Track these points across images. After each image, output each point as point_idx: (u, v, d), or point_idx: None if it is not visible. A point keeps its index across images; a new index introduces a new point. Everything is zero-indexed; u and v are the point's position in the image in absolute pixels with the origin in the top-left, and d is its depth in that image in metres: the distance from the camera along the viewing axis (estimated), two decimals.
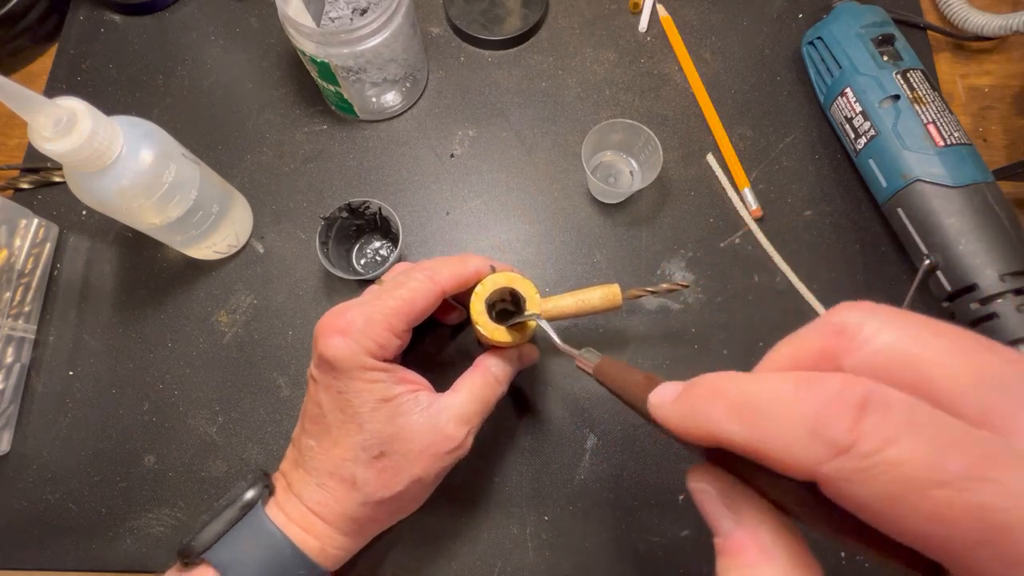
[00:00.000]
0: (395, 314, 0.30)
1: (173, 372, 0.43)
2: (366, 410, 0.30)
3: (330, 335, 0.30)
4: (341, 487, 0.30)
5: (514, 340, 0.33)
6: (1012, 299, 0.36)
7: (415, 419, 0.30)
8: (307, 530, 0.31)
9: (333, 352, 0.29)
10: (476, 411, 0.32)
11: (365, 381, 0.30)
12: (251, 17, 0.52)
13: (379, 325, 0.30)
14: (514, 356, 0.35)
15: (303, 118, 0.49)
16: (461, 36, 0.51)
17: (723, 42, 0.50)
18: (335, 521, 0.31)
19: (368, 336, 0.30)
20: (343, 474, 0.30)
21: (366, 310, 0.30)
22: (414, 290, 0.31)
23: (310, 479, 0.31)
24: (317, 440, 0.31)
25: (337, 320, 0.30)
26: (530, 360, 0.37)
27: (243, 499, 0.31)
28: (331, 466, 0.31)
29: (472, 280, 0.33)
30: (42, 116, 0.29)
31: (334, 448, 0.30)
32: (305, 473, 0.31)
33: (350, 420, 0.30)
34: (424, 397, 0.31)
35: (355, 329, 0.30)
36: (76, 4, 0.53)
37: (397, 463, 0.30)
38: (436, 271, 0.32)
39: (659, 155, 0.41)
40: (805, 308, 0.43)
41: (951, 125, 0.40)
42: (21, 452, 0.41)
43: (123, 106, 0.49)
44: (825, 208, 0.45)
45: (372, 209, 0.42)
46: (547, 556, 0.38)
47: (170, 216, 0.37)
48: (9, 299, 0.41)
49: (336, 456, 0.30)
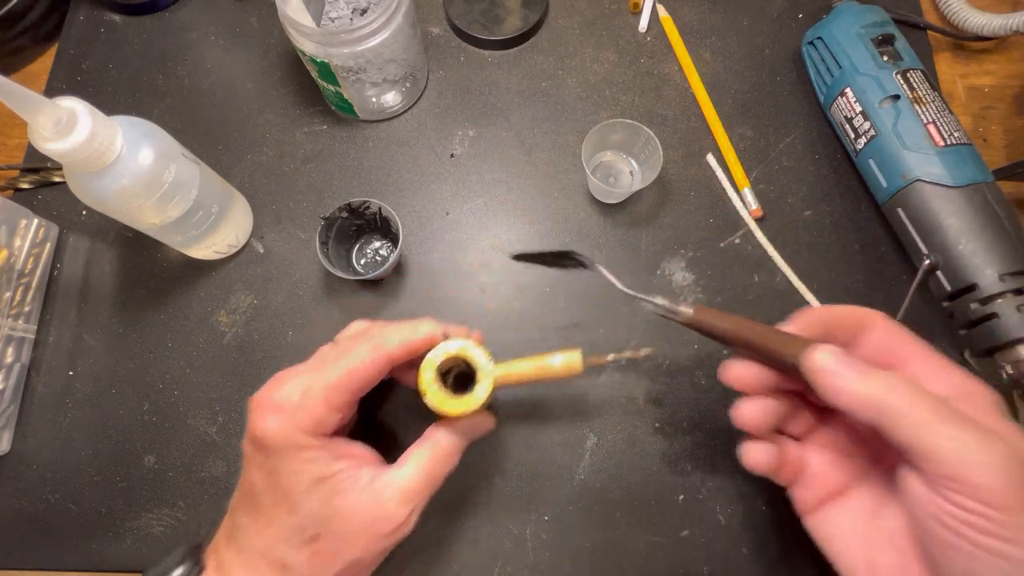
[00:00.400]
0: (335, 388, 0.29)
1: (173, 372, 0.43)
2: (300, 490, 0.28)
3: (263, 413, 0.28)
4: (270, 570, 0.29)
5: (464, 411, 0.31)
6: (1012, 299, 0.36)
7: (354, 498, 0.29)
8: None
9: (264, 431, 0.28)
10: (422, 488, 0.31)
11: (300, 461, 0.28)
12: (251, 17, 0.52)
13: (316, 400, 0.28)
14: (467, 426, 0.33)
15: (303, 118, 0.49)
16: (461, 36, 0.51)
17: (723, 42, 0.50)
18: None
19: (304, 412, 0.28)
20: (273, 557, 0.28)
21: (303, 383, 0.29)
22: (358, 361, 0.29)
23: (240, 560, 0.29)
24: (251, 518, 0.29)
25: (273, 395, 0.29)
26: (483, 431, 0.35)
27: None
28: (262, 547, 0.29)
29: (423, 348, 0.31)
30: (42, 116, 0.29)
31: (267, 528, 0.29)
32: (235, 553, 0.30)
33: (283, 501, 0.28)
34: (366, 473, 0.30)
35: (290, 405, 0.28)
36: (76, 4, 0.53)
37: (333, 546, 0.28)
38: (383, 340, 0.30)
39: (659, 155, 0.41)
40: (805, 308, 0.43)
41: (951, 125, 0.40)
42: (21, 452, 0.41)
43: (123, 106, 0.49)
44: (825, 208, 0.45)
45: (372, 209, 0.42)
46: (547, 556, 0.38)
47: (170, 216, 0.37)
48: (9, 299, 0.41)
49: (267, 537, 0.29)
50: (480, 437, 0.35)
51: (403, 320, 0.32)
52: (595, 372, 0.42)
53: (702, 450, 0.40)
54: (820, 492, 0.31)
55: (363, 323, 0.34)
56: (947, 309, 0.39)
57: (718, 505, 0.39)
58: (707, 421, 0.41)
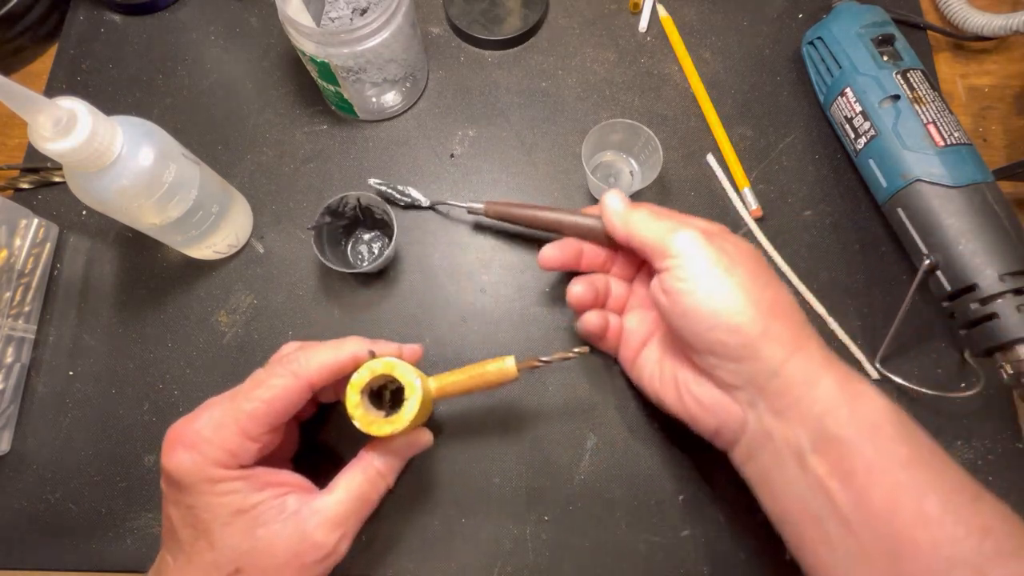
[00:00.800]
0: (250, 418, 0.28)
1: (173, 372, 0.43)
2: (217, 525, 0.27)
3: (173, 448, 0.28)
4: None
5: (393, 431, 0.30)
6: (1012, 299, 0.36)
7: (277, 528, 0.28)
8: None
9: (175, 467, 0.28)
10: (352, 512, 0.30)
11: (215, 495, 0.28)
12: (251, 17, 0.52)
13: (229, 431, 0.28)
14: (401, 444, 0.33)
15: (303, 118, 0.49)
16: (461, 36, 0.51)
17: (723, 42, 0.50)
18: None
19: (216, 446, 0.28)
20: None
21: (216, 415, 0.28)
22: (274, 388, 0.29)
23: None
24: (172, 555, 0.29)
25: (183, 430, 0.28)
26: (420, 447, 0.34)
27: None
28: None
29: (348, 368, 0.31)
30: (42, 116, 0.29)
31: (187, 566, 0.28)
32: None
33: (201, 537, 0.28)
34: (292, 501, 0.29)
35: (201, 440, 0.28)
36: (76, 4, 0.53)
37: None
38: (301, 366, 0.30)
39: (659, 155, 0.41)
40: (805, 308, 0.43)
41: (951, 125, 0.40)
42: (21, 452, 0.41)
43: (123, 106, 0.49)
44: (825, 208, 0.45)
45: (351, 204, 0.42)
46: (547, 556, 0.38)
47: (170, 216, 0.37)
48: (9, 299, 0.41)
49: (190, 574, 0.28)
50: (416, 454, 0.35)
51: (328, 341, 0.32)
52: (595, 371, 0.42)
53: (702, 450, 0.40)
54: (634, 345, 0.38)
55: (293, 344, 0.34)
56: (947, 309, 0.39)
57: (718, 505, 0.39)
58: None
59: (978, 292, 0.37)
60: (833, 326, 0.42)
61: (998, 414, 0.40)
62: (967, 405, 0.40)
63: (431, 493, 0.39)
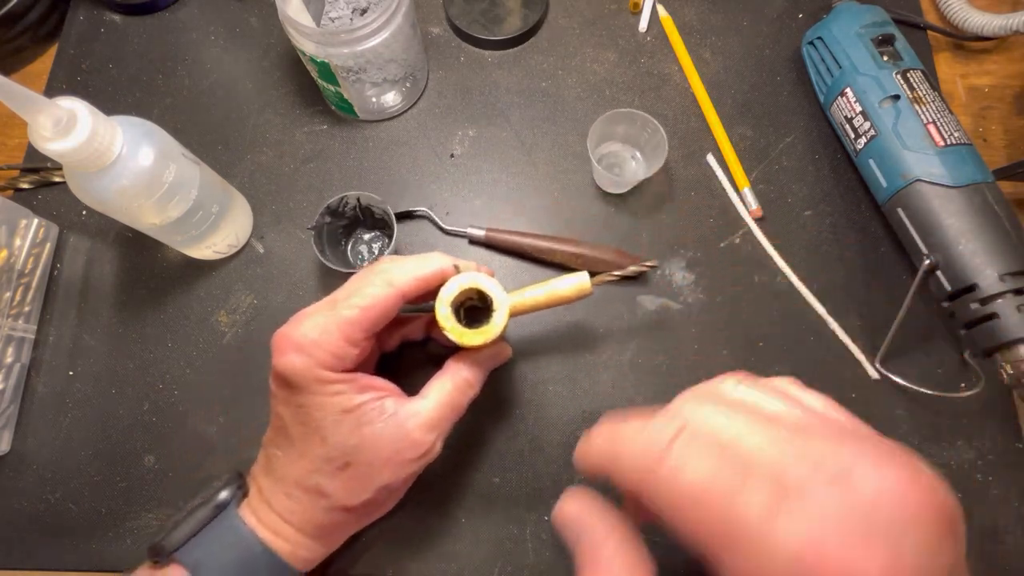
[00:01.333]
0: (350, 324, 0.29)
1: (173, 372, 0.43)
2: (328, 423, 0.29)
3: (284, 351, 0.29)
4: (307, 497, 0.30)
5: (484, 341, 0.32)
6: (1012, 299, 0.36)
7: (380, 427, 0.30)
8: (278, 534, 0.31)
9: (288, 368, 0.29)
10: (445, 416, 0.32)
11: (325, 395, 0.29)
12: (251, 17, 0.52)
13: (334, 336, 0.29)
14: (485, 356, 0.35)
15: (303, 118, 0.49)
16: (461, 36, 0.51)
17: (723, 42, 0.50)
18: (305, 528, 0.31)
19: (323, 349, 0.29)
20: (309, 484, 0.30)
21: (320, 321, 0.29)
22: (371, 296, 0.30)
23: (278, 488, 0.31)
24: (283, 451, 0.31)
25: (291, 333, 0.30)
26: (503, 359, 0.37)
27: (216, 499, 0.31)
28: (296, 477, 0.30)
29: (435, 282, 0.32)
30: (42, 116, 0.29)
31: (299, 460, 0.30)
32: (273, 482, 0.31)
33: (313, 433, 0.30)
34: (390, 404, 0.31)
35: (309, 342, 0.29)
36: (76, 4, 0.53)
37: (363, 472, 0.30)
38: (395, 274, 0.31)
39: (664, 146, 0.42)
40: (805, 308, 0.43)
41: (951, 125, 0.40)
42: (21, 452, 0.41)
43: (123, 106, 0.49)
44: (825, 208, 0.45)
45: (351, 204, 0.42)
46: (547, 556, 0.38)
47: (170, 216, 0.37)
48: (9, 299, 0.41)
49: (301, 467, 0.30)
50: (498, 366, 0.36)
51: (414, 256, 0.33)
52: (596, 372, 0.42)
53: None
54: None
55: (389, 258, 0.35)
56: (947, 309, 0.39)
57: None
58: None
59: (978, 292, 0.37)
60: (833, 326, 0.42)
61: (998, 414, 0.40)
62: (967, 405, 0.40)
63: (431, 493, 0.39)
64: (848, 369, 0.42)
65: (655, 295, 0.43)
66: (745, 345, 0.42)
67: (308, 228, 0.41)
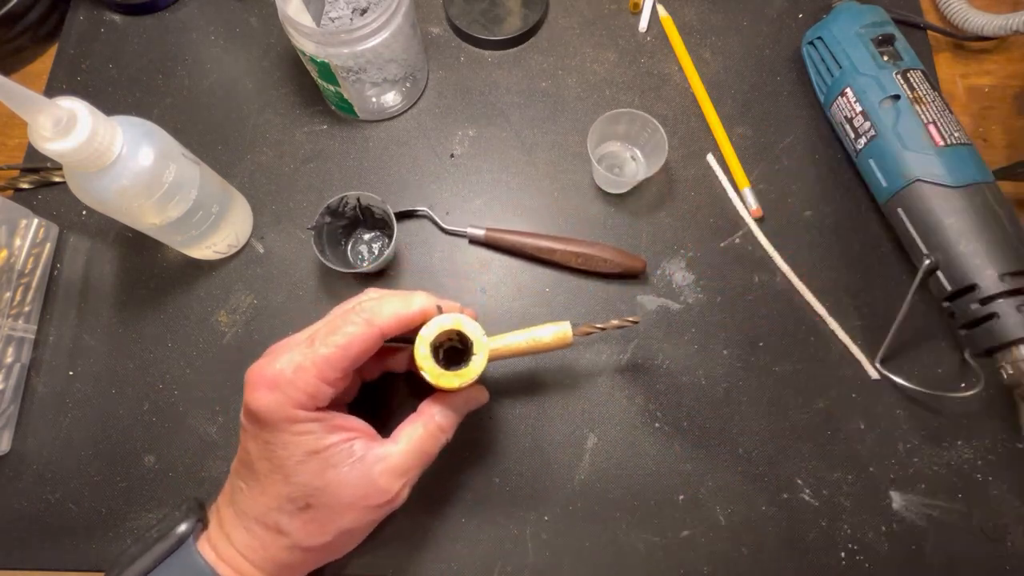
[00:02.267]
0: (327, 362, 0.29)
1: (173, 372, 0.43)
2: (292, 463, 0.29)
3: (257, 387, 0.29)
4: (267, 534, 0.30)
5: (461, 384, 0.31)
6: (1012, 299, 0.36)
7: (345, 471, 0.30)
8: (237, 570, 0.30)
9: (258, 405, 0.29)
10: (414, 463, 0.31)
11: (292, 434, 0.29)
12: (251, 17, 0.52)
13: (309, 374, 0.29)
14: (460, 400, 0.34)
15: (303, 118, 0.49)
16: (461, 36, 0.51)
17: (723, 42, 0.50)
18: (264, 565, 0.31)
19: (297, 387, 0.29)
20: (268, 522, 0.30)
21: (296, 358, 0.29)
22: (349, 335, 0.29)
23: (239, 522, 0.31)
24: (247, 484, 0.31)
25: (266, 369, 0.29)
26: (477, 403, 0.36)
27: (175, 533, 0.31)
28: (258, 512, 0.30)
29: (417, 321, 0.31)
30: (42, 116, 0.29)
31: (261, 496, 0.30)
32: (235, 514, 0.31)
33: (276, 471, 0.29)
34: (359, 446, 0.30)
35: (283, 380, 0.29)
36: (76, 4, 0.53)
37: (324, 515, 0.30)
38: (376, 313, 0.30)
39: (664, 146, 0.42)
40: (805, 308, 0.43)
41: (951, 125, 0.40)
42: (21, 452, 0.41)
43: (123, 106, 0.49)
44: (825, 208, 0.45)
45: (351, 204, 0.42)
46: (547, 556, 0.38)
47: (170, 216, 0.37)
48: (9, 299, 0.41)
49: (263, 504, 0.30)
50: (474, 410, 0.36)
51: (397, 292, 0.33)
52: (595, 372, 0.42)
53: (702, 450, 0.40)
54: None
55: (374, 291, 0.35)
56: (947, 309, 0.39)
57: (718, 505, 0.39)
58: (707, 421, 0.41)
59: (978, 292, 0.37)
60: (833, 326, 0.42)
61: (998, 414, 0.40)
62: (967, 405, 0.40)
63: (431, 493, 0.39)
64: (848, 369, 0.42)
65: (655, 295, 0.43)
66: (745, 345, 0.42)
67: (308, 228, 0.41)
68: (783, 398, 0.41)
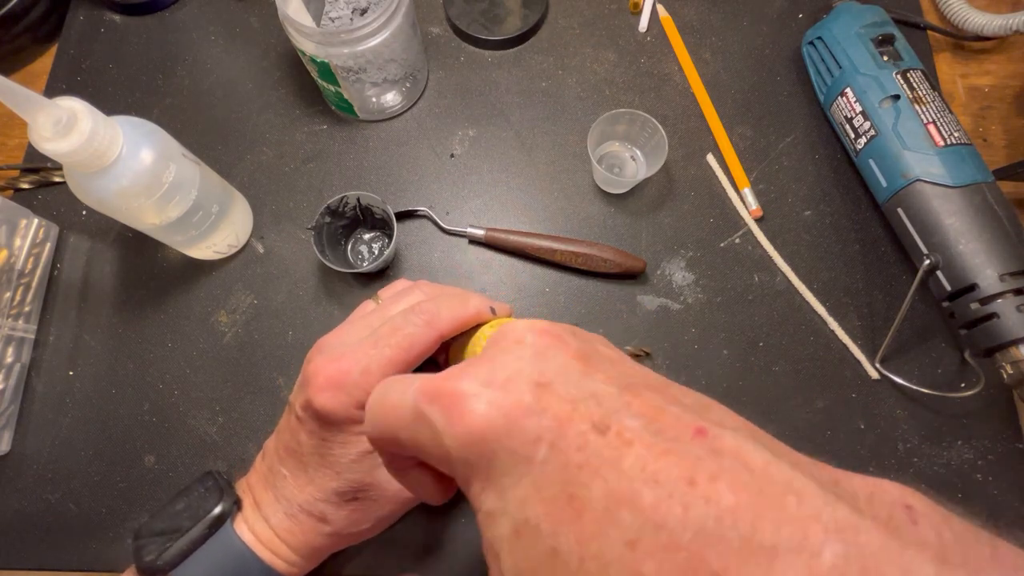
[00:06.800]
0: (391, 364, 0.29)
1: (173, 372, 0.43)
2: (346, 460, 0.30)
3: (323, 386, 0.29)
4: (310, 521, 0.31)
5: None
6: (1012, 299, 0.36)
7: None
8: (274, 552, 0.31)
9: (323, 403, 0.29)
10: None
11: (351, 434, 0.29)
12: (251, 17, 0.52)
13: (375, 377, 0.28)
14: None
15: (303, 118, 0.49)
16: (461, 36, 0.51)
17: (723, 42, 0.50)
18: (299, 548, 0.31)
19: (363, 390, 0.29)
20: (314, 511, 0.31)
21: (362, 360, 0.29)
22: (411, 337, 0.29)
23: (279, 507, 0.31)
24: (292, 474, 0.31)
25: (331, 367, 0.29)
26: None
27: (212, 515, 0.31)
28: (303, 501, 0.31)
29: (471, 323, 0.30)
30: (42, 116, 0.29)
31: (308, 486, 0.31)
32: (275, 499, 0.31)
33: (328, 466, 0.30)
34: None
35: (349, 382, 0.29)
36: (76, 4, 0.53)
37: (368, 506, 0.31)
38: (436, 315, 0.29)
39: (664, 146, 0.42)
40: (805, 308, 0.43)
41: (951, 125, 0.40)
42: (21, 452, 0.41)
43: (123, 106, 0.49)
44: (825, 208, 0.45)
45: (351, 204, 0.42)
46: None
47: (170, 216, 0.37)
48: (9, 299, 0.41)
49: (309, 493, 0.31)
50: None
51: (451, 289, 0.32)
52: None
53: None
54: None
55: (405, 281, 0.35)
56: (947, 309, 0.39)
57: None
58: None
59: (978, 292, 0.37)
60: (833, 326, 0.42)
61: (998, 414, 0.40)
62: (967, 405, 0.40)
63: None
64: (848, 369, 0.42)
65: (655, 295, 0.43)
66: (745, 345, 0.42)
67: (308, 228, 0.41)
68: (783, 398, 0.41)
